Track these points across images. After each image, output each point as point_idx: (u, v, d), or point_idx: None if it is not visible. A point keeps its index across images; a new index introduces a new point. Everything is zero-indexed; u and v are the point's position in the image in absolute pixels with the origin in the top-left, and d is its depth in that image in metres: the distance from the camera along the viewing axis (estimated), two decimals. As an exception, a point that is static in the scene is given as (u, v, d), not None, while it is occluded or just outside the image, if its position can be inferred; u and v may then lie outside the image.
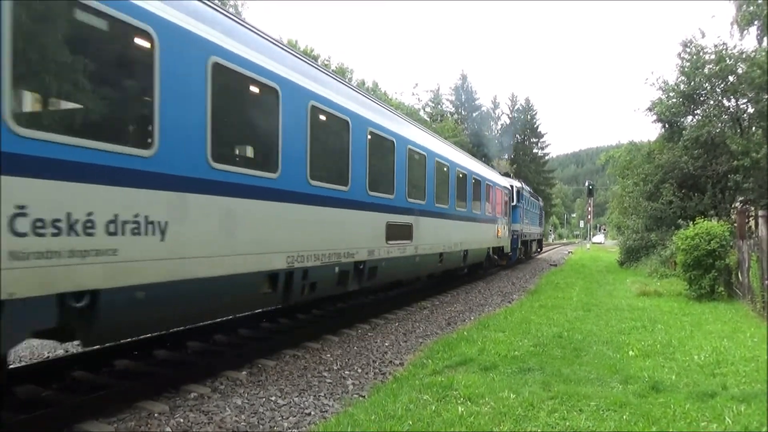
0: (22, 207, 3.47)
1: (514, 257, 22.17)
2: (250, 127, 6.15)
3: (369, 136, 8.57)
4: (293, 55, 6.98)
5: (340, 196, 7.66)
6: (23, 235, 3.48)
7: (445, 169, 12.50)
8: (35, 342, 7.01)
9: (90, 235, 3.93)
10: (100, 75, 4.32)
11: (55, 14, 3.85)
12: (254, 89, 5.93)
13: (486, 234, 16.50)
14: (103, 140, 4.09)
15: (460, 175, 13.69)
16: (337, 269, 7.53)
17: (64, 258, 3.75)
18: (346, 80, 10.23)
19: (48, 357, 6.66)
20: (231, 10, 6.24)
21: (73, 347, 6.87)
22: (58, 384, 5.38)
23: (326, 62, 41.25)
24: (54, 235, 3.68)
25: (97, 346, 5.69)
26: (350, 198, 7.94)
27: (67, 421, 4.37)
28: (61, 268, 3.74)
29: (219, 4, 5.74)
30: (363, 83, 48.14)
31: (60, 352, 6.91)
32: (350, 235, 7.93)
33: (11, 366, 5.46)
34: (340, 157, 7.83)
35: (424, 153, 11.03)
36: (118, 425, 4.49)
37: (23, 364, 6.03)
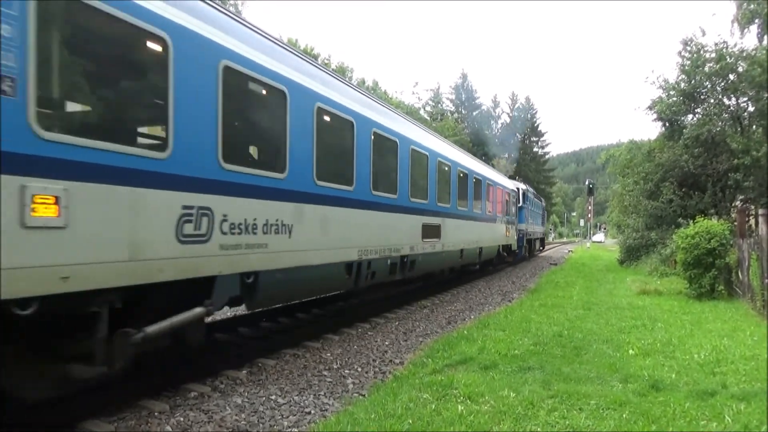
0: (225, 215, 5.24)
1: (520, 254, 23.72)
2: (337, 151, 7.86)
3: (411, 152, 10.31)
4: (361, 93, 8.93)
5: (392, 202, 9.39)
6: (225, 233, 5.25)
7: (463, 175, 14.04)
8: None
9: (255, 234, 5.70)
10: (264, 124, 6.30)
11: (240, 89, 5.69)
12: (339, 123, 7.71)
13: (497, 233, 18.20)
14: (262, 168, 5.97)
15: (476, 181, 15.30)
16: (389, 261, 9.27)
17: (243, 249, 5.52)
18: (347, 79, 10.93)
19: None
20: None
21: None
22: (57, 384, 5.38)
23: (326, 61, 41.19)
24: (239, 234, 5.45)
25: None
26: (398, 204, 9.67)
27: (67, 420, 4.38)
28: (242, 256, 5.52)
29: (320, 63, 7.77)
30: (363, 82, 48.13)
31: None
32: (397, 234, 9.65)
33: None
34: (391, 170, 9.56)
35: (449, 163, 12.78)
36: (118, 424, 4.51)
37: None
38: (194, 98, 4.90)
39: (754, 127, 19.95)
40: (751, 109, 19.87)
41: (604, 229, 78.22)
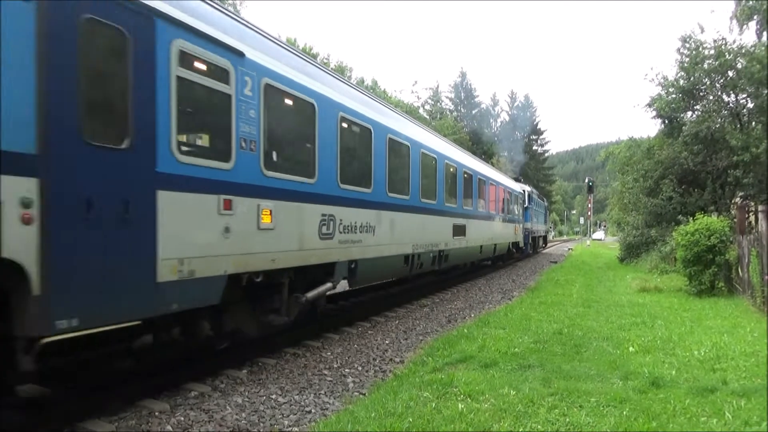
0: (341, 220, 7.58)
1: (526, 250, 26.35)
2: (399, 168, 9.96)
3: (445, 165, 12.58)
4: (412, 122, 11.65)
5: (433, 206, 11.61)
6: (341, 233, 7.57)
7: (480, 181, 16.15)
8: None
9: (355, 233, 8.02)
10: (359, 154, 8.46)
11: (347, 130, 7.95)
12: (399, 148, 9.97)
13: (508, 231, 20.51)
14: (359, 186, 8.22)
15: (491, 186, 17.64)
16: (431, 255, 11.43)
17: (349, 244, 7.85)
18: (345, 78, 11.73)
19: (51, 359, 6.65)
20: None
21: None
22: (59, 384, 5.38)
23: (326, 60, 41.14)
24: (347, 233, 7.77)
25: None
26: (437, 208, 11.89)
27: (69, 420, 4.38)
28: (349, 248, 7.83)
29: (389, 103, 11.23)
30: (362, 81, 48.06)
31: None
32: (436, 232, 11.79)
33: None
34: (432, 180, 11.75)
35: (471, 173, 15.14)
36: (119, 424, 4.50)
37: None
38: (326, 140, 7.26)
39: (753, 123, 19.91)
40: (750, 105, 19.85)
41: (604, 226, 78.25)
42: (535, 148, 79.12)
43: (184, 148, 4.86)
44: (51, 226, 3.69)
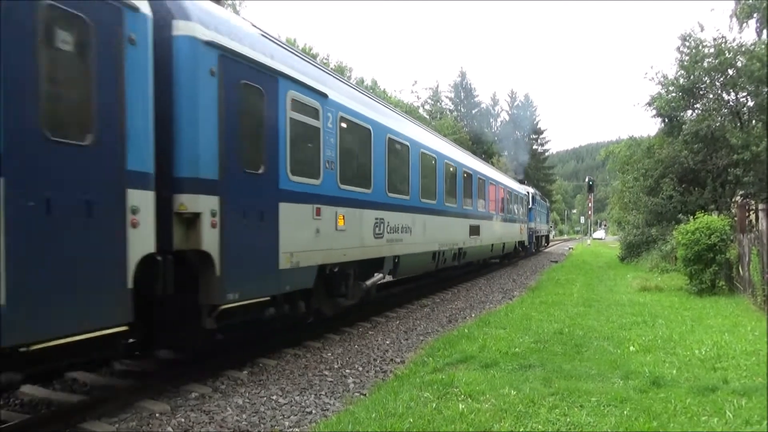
0: (388, 222, 9.13)
1: (531, 249, 28.08)
2: (428, 177, 11.49)
3: (463, 173, 14.25)
4: (437, 136, 13.66)
5: (454, 210, 13.22)
6: (389, 233, 9.17)
7: (491, 185, 17.81)
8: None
9: (397, 232, 9.54)
10: (400, 167, 9.99)
11: (393, 149, 9.61)
12: (428, 160, 11.51)
13: (514, 231, 22.13)
14: (400, 194, 9.80)
15: (500, 189, 19.29)
16: (452, 252, 13.00)
17: (393, 242, 9.36)
18: (345, 78, 12.57)
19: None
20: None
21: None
22: (59, 385, 5.39)
23: (325, 60, 41.13)
24: (393, 233, 9.33)
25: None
26: (457, 210, 13.47)
27: (69, 421, 4.38)
28: (393, 245, 9.39)
29: (415, 119, 14.22)
30: (362, 81, 48.02)
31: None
32: (456, 232, 13.38)
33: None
34: (453, 186, 13.36)
35: (484, 178, 16.86)
36: (119, 425, 4.50)
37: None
38: (378, 157, 8.89)
39: (753, 122, 19.90)
40: (750, 104, 19.84)
41: (605, 226, 78.15)
42: (535, 147, 78.98)
43: (293, 170, 6.35)
44: (225, 228, 5.21)
